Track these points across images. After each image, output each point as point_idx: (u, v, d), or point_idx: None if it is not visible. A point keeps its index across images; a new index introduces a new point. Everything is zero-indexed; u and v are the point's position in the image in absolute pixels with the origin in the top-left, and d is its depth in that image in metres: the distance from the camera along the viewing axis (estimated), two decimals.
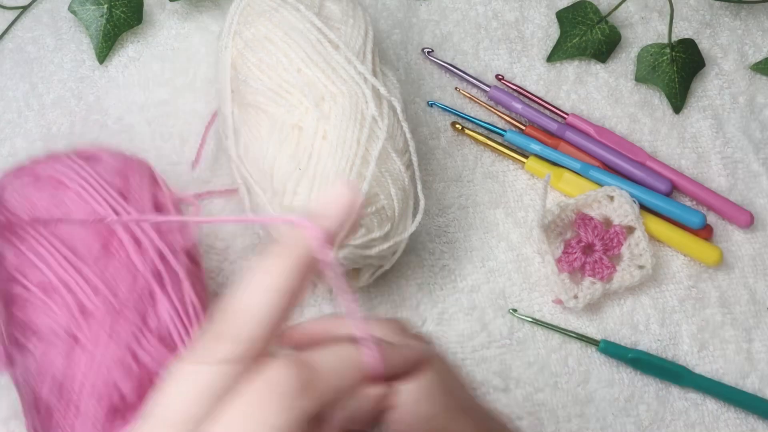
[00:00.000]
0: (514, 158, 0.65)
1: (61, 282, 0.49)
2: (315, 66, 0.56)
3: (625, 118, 0.68)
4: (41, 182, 0.52)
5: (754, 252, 0.65)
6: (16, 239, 0.51)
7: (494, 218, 0.64)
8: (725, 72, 0.70)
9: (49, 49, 0.68)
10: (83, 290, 0.49)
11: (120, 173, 0.54)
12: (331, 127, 0.54)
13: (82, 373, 0.48)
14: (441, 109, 0.67)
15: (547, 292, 0.62)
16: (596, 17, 0.69)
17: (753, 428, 0.60)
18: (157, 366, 0.49)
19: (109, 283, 0.50)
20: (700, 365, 0.61)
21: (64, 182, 0.52)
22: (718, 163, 0.67)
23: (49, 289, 0.50)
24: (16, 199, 0.52)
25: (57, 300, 0.49)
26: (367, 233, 0.55)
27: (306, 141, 0.55)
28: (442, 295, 0.62)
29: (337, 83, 0.55)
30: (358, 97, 0.55)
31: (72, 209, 0.51)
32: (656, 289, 0.63)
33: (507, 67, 0.69)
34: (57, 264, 0.49)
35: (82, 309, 0.49)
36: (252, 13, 0.58)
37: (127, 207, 0.52)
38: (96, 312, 0.49)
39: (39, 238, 0.50)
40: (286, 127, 0.55)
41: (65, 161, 0.54)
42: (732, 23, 0.71)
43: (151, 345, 0.49)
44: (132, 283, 0.50)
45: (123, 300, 0.49)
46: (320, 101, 0.55)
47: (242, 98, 0.57)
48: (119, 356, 0.48)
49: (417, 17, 0.70)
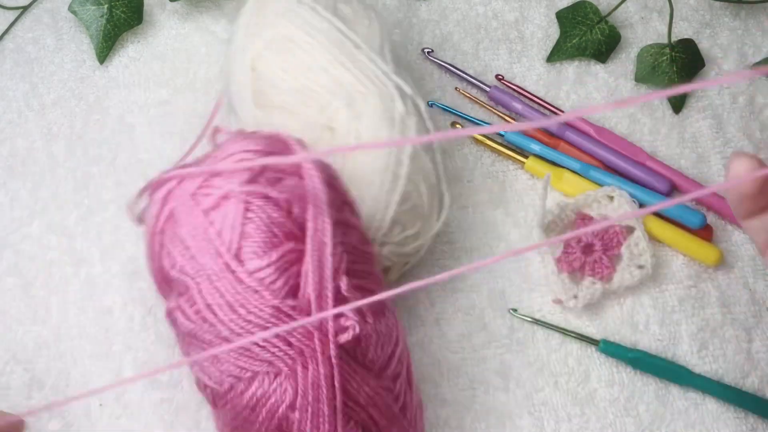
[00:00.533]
0: (514, 158, 0.65)
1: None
2: (341, 66, 0.55)
3: (625, 119, 0.68)
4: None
5: (753, 252, 0.65)
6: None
7: (494, 218, 0.64)
8: (725, 72, 0.70)
9: (49, 49, 0.68)
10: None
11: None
12: (364, 127, 0.54)
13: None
14: (441, 109, 0.67)
15: (547, 292, 0.62)
16: (596, 17, 0.69)
17: (753, 428, 0.60)
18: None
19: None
20: (699, 365, 0.61)
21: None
22: (718, 163, 0.67)
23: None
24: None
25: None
26: (402, 230, 0.55)
27: (339, 142, 0.54)
28: (442, 295, 0.62)
29: (365, 83, 0.55)
30: (386, 96, 0.55)
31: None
32: (656, 289, 0.63)
33: (507, 68, 0.69)
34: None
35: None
36: (269, 14, 0.57)
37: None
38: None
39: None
40: (318, 128, 0.55)
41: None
42: (732, 23, 0.71)
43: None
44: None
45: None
46: (351, 102, 0.55)
47: (266, 100, 0.56)
48: None
49: (417, 17, 0.70)
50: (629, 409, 0.60)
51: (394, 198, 0.54)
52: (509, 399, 0.60)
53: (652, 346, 0.61)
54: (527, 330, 0.61)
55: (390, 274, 0.58)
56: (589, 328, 0.62)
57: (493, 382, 0.60)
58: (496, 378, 0.60)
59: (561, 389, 0.60)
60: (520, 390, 0.60)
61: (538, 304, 0.62)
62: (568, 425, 0.59)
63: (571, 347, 0.61)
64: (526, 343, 0.61)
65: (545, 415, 0.59)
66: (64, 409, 0.58)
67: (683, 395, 0.60)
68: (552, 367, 0.61)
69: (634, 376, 0.61)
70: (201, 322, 0.47)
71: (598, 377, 0.61)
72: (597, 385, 0.60)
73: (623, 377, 0.61)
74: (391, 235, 0.55)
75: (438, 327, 0.61)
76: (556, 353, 0.61)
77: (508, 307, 0.62)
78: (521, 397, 0.60)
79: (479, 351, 0.60)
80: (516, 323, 0.61)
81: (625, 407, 0.60)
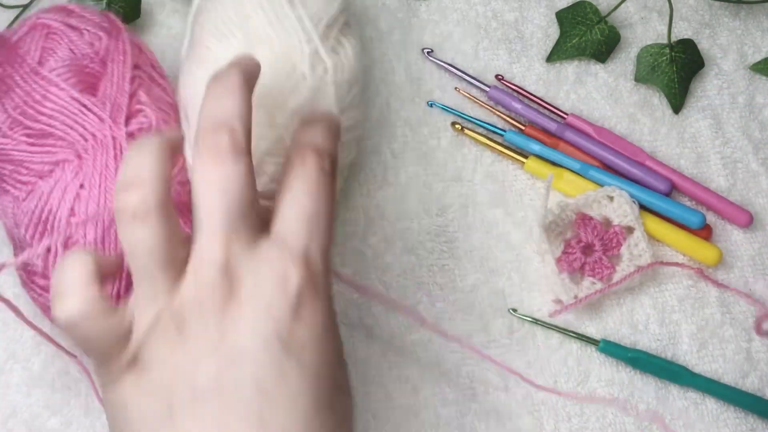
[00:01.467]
0: (514, 158, 0.65)
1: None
2: (263, 14, 0.56)
3: (625, 118, 0.68)
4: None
5: (753, 252, 0.65)
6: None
7: (494, 218, 0.64)
8: (725, 72, 0.70)
9: None
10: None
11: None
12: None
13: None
14: (441, 109, 0.67)
15: (547, 292, 0.62)
16: (596, 17, 0.69)
17: (753, 428, 0.60)
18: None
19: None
20: (699, 365, 0.61)
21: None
22: (718, 162, 0.67)
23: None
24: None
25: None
26: (270, 182, 0.55)
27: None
28: (442, 294, 0.62)
29: (278, 31, 0.56)
30: (293, 50, 0.55)
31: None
32: (656, 288, 0.63)
33: (507, 67, 0.69)
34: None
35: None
36: None
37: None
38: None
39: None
40: (221, 65, 0.56)
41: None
42: (731, 23, 0.71)
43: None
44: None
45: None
46: (257, 44, 0.55)
47: (194, 36, 0.59)
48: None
49: (417, 17, 0.70)
50: (629, 410, 0.60)
51: (262, 145, 0.54)
52: (509, 399, 0.60)
53: (651, 346, 0.62)
54: (527, 330, 0.61)
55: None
56: (589, 328, 0.62)
57: (493, 382, 0.60)
58: (496, 378, 0.60)
59: (560, 389, 0.60)
60: (520, 390, 0.60)
61: (538, 304, 0.62)
62: (568, 425, 0.59)
63: (570, 347, 0.61)
64: (526, 343, 0.61)
65: (545, 415, 0.59)
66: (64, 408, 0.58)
67: (683, 395, 0.61)
68: (552, 367, 0.61)
69: (634, 375, 0.61)
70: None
71: (598, 377, 0.61)
72: (597, 384, 0.60)
73: (623, 377, 0.61)
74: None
75: (438, 327, 0.61)
76: (556, 353, 0.61)
77: (508, 307, 0.62)
78: (521, 397, 0.60)
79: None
80: (516, 323, 0.62)
81: (625, 407, 0.60)
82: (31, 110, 0.55)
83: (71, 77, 0.56)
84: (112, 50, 0.58)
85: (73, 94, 0.55)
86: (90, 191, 0.53)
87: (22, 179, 0.55)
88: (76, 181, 0.54)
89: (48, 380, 0.58)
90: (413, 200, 0.64)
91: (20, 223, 0.54)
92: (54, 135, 0.55)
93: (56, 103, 0.55)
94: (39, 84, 0.56)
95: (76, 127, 0.55)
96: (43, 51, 0.57)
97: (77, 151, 0.54)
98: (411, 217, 0.64)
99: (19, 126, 0.56)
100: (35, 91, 0.56)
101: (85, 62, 0.57)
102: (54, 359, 0.59)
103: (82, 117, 0.55)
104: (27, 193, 0.55)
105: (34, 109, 0.55)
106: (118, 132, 0.55)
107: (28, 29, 0.58)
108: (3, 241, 0.62)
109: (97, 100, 0.56)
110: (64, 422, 0.58)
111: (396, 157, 0.65)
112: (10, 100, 0.56)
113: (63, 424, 0.58)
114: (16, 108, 0.56)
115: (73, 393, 0.58)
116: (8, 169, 0.55)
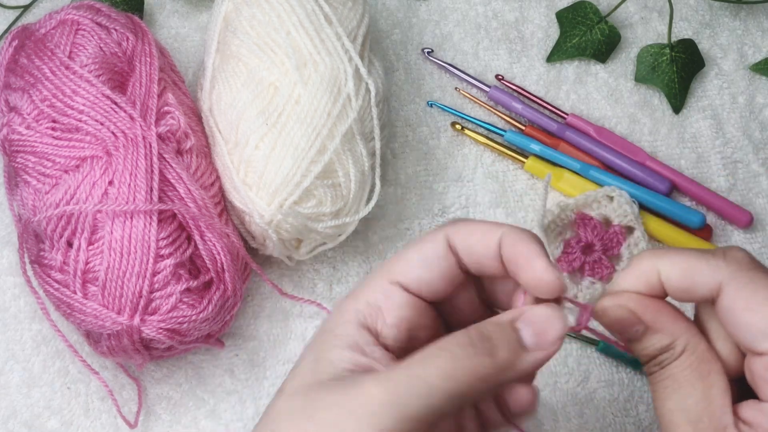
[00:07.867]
0: (514, 158, 0.65)
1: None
2: (304, 32, 0.57)
3: (625, 119, 0.68)
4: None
5: (753, 252, 0.64)
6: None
7: (494, 218, 0.64)
8: (725, 72, 0.70)
9: None
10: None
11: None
12: (306, 92, 0.56)
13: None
14: (441, 109, 0.67)
15: None
16: (596, 17, 0.69)
17: None
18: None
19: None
20: None
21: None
22: (718, 163, 0.67)
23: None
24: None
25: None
26: (318, 205, 0.56)
27: (279, 100, 0.56)
28: None
29: (321, 53, 0.56)
30: (338, 71, 0.56)
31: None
32: None
33: (507, 67, 0.69)
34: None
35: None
36: None
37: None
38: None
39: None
40: (264, 83, 0.57)
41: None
42: (732, 23, 0.71)
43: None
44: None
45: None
46: (302, 66, 0.56)
47: (226, 48, 0.59)
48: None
49: (417, 17, 0.70)
50: (629, 410, 0.60)
51: (314, 169, 0.55)
52: None
53: None
54: None
55: (301, 247, 0.58)
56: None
57: None
58: None
59: (560, 389, 0.60)
60: None
61: None
62: (568, 425, 0.59)
63: (570, 347, 0.61)
64: None
65: (545, 416, 0.59)
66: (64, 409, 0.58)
67: None
68: (552, 367, 0.61)
69: (634, 376, 0.61)
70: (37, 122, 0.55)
71: (598, 377, 0.61)
72: (596, 385, 0.60)
73: (623, 377, 0.61)
74: (302, 204, 0.55)
75: None
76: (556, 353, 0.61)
77: None
78: None
79: None
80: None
81: (625, 407, 0.60)
82: (60, 104, 0.55)
83: (102, 74, 0.56)
84: (138, 51, 0.58)
85: (105, 91, 0.55)
86: (119, 188, 0.53)
87: (45, 172, 0.54)
88: (105, 178, 0.53)
89: (48, 380, 0.58)
90: (413, 200, 0.64)
91: (40, 215, 0.54)
92: (82, 130, 0.55)
93: (87, 99, 0.55)
94: (70, 78, 0.55)
95: (107, 124, 0.54)
96: (74, 46, 0.57)
97: (106, 148, 0.54)
98: (411, 217, 0.64)
99: (45, 119, 0.55)
100: (65, 85, 0.55)
101: (114, 61, 0.57)
102: (54, 359, 0.59)
103: (114, 115, 0.55)
104: (51, 186, 0.54)
105: (64, 103, 0.55)
106: (148, 132, 0.55)
107: (57, 23, 0.58)
108: (3, 241, 0.62)
109: (127, 99, 0.56)
110: (64, 422, 0.58)
111: (396, 157, 0.65)
112: (38, 92, 0.55)
113: (63, 424, 0.58)
114: (44, 100, 0.55)
115: (73, 393, 0.58)
116: (32, 161, 0.55)
